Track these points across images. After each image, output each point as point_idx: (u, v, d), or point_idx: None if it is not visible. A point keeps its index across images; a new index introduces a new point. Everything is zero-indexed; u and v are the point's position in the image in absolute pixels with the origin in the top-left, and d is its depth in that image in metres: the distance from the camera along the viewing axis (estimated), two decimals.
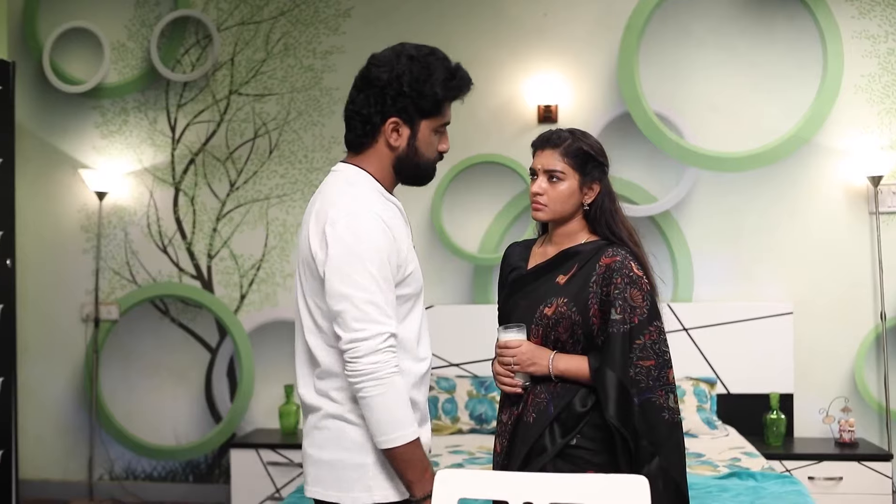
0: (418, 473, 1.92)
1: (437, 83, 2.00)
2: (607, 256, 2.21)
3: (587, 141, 2.28)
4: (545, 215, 2.29)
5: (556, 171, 2.24)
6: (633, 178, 4.85)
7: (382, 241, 1.92)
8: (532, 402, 2.24)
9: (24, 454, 5.24)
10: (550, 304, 2.22)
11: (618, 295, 2.15)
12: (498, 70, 4.95)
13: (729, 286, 4.80)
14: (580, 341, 2.22)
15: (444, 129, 2.09)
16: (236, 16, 5.15)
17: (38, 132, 5.29)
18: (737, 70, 4.79)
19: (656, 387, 2.14)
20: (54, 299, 5.29)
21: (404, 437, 1.90)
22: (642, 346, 2.14)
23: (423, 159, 2.07)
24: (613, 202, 2.30)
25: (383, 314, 1.90)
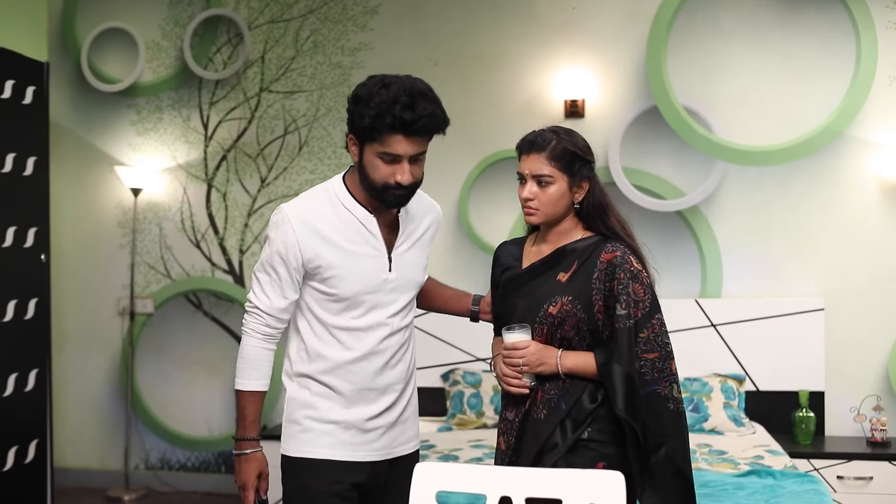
0: (239, 418, 2.33)
1: (369, 112, 2.10)
2: (607, 252, 2.23)
3: (572, 139, 2.28)
4: (538, 219, 2.30)
5: (544, 176, 2.24)
6: (661, 172, 4.80)
7: (278, 238, 2.23)
8: (542, 399, 2.25)
9: (64, 443, 5.39)
10: (555, 303, 2.23)
11: (622, 290, 2.18)
12: (525, 65, 4.94)
13: (758, 282, 4.73)
14: (586, 337, 2.23)
15: (394, 159, 2.15)
16: (266, 14, 5.22)
17: (75, 130, 5.43)
18: (767, 62, 4.71)
19: (661, 378, 2.17)
20: (92, 293, 5.42)
21: (236, 384, 2.32)
22: (646, 339, 2.17)
23: (371, 181, 2.20)
24: (604, 197, 2.32)
25: (260, 290, 2.29)
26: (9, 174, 4.10)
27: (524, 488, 1.75)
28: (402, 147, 2.15)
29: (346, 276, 2.24)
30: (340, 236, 2.24)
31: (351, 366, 2.28)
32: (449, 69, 5.02)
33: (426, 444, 4.20)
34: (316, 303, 2.29)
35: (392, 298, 2.32)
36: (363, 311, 2.28)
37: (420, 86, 2.17)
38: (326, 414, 2.29)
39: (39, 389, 4.26)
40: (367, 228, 2.27)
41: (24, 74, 4.22)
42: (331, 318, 2.28)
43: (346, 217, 2.26)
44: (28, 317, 4.21)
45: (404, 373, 2.39)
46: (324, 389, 2.30)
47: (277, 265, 2.25)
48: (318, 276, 2.25)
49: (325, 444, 2.29)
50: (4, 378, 4.04)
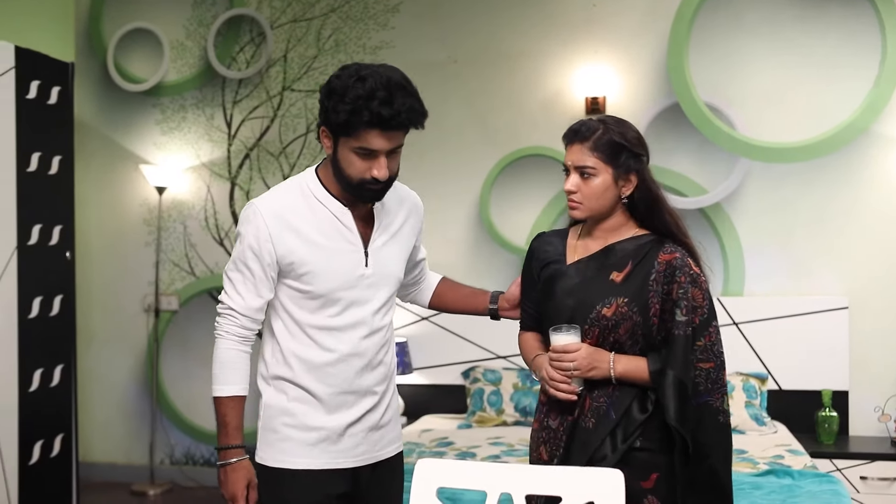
0: (218, 426, 2.19)
1: (345, 108, 2.00)
2: (666, 253, 2.11)
3: (620, 129, 2.13)
4: (582, 213, 2.16)
5: (587, 167, 2.12)
6: (683, 169, 4.77)
7: (249, 233, 2.13)
8: (590, 407, 2.12)
9: (91, 438, 5.48)
10: (609, 304, 2.10)
11: (682, 294, 2.05)
12: (546, 62, 4.93)
13: (781, 280, 4.69)
14: (638, 342, 2.10)
15: (370, 154, 2.05)
16: (289, 13, 5.26)
17: (101, 129, 5.50)
18: (790, 58, 4.66)
19: (714, 390, 2.07)
20: (118, 290, 5.50)
21: (214, 391, 2.19)
22: (703, 347, 2.06)
23: (346, 176, 2.09)
24: (655, 192, 2.16)
25: (232, 290, 2.17)
26: (34, 173, 4.17)
27: (524, 485, 1.75)
28: (379, 142, 2.04)
29: (320, 273, 2.14)
30: (314, 231, 2.15)
31: (329, 368, 2.18)
32: (470, 67, 5.03)
33: (444, 441, 4.22)
34: (291, 301, 2.18)
35: (370, 295, 2.21)
36: (340, 309, 2.18)
37: (397, 77, 2.05)
38: (305, 420, 2.19)
39: (65, 385, 4.33)
40: (342, 222, 2.17)
41: (50, 75, 4.29)
42: (306, 316, 2.17)
43: (319, 211, 2.16)
44: (53, 313, 4.28)
45: (384, 375, 2.28)
46: (301, 394, 2.19)
47: (250, 261, 2.13)
48: (292, 273, 2.15)
49: (306, 454, 2.18)
50: (30, 373, 4.11)
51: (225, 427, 2.17)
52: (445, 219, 5.02)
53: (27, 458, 4.07)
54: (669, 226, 2.16)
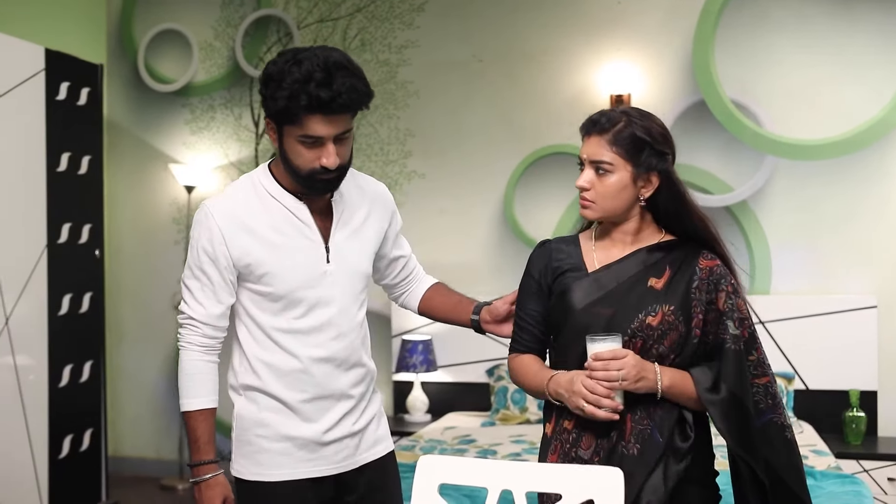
0: (190, 442, 2.09)
1: (282, 94, 1.89)
2: (706, 258, 1.93)
3: (644, 123, 1.92)
4: (594, 213, 1.95)
5: (604, 163, 1.90)
6: (708, 167, 4.74)
7: (202, 236, 2.03)
8: (632, 431, 1.89)
9: (122, 433, 5.57)
10: (654, 313, 1.89)
11: (731, 306, 1.88)
12: (570, 60, 4.92)
13: (808, 278, 4.64)
14: (679, 355, 1.91)
15: (315, 142, 1.94)
16: (315, 13, 5.31)
17: (132, 129, 5.59)
18: (817, 55, 4.61)
19: (775, 406, 1.89)
20: (148, 288, 5.59)
21: (182, 406, 2.09)
22: (756, 362, 1.89)
23: (294, 166, 1.98)
24: (682, 195, 1.95)
25: (192, 298, 2.07)
26: (64, 173, 4.26)
27: (525, 483, 1.76)
28: (323, 128, 1.91)
29: (279, 272, 2.03)
30: (269, 228, 2.03)
31: (299, 374, 2.07)
32: (494, 66, 5.03)
33: (466, 438, 4.23)
34: (253, 304, 2.07)
35: (335, 293, 2.09)
36: (304, 311, 2.06)
37: (336, 57, 1.92)
38: (279, 430, 2.08)
39: (94, 381, 4.41)
40: (298, 217, 2.05)
41: (80, 76, 4.37)
42: (270, 320, 2.06)
43: (273, 207, 2.04)
44: (83, 310, 4.36)
45: (361, 377, 2.17)
46: (273, 403, 2.08)
47: (206, 266, 2.02)
48: (251, 276, 2.03)
49: (282, 465, 2.08)
50: (60, 369, 4.20)
51: (196, 442, 2.06)
52: (470, 217, 5.03)
53: (57, 451, 4.16)
54: (700, 232, 1.95)
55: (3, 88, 3.91)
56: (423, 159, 5.12)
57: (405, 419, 4.93)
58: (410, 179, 5.14)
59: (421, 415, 4.92)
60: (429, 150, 5.12)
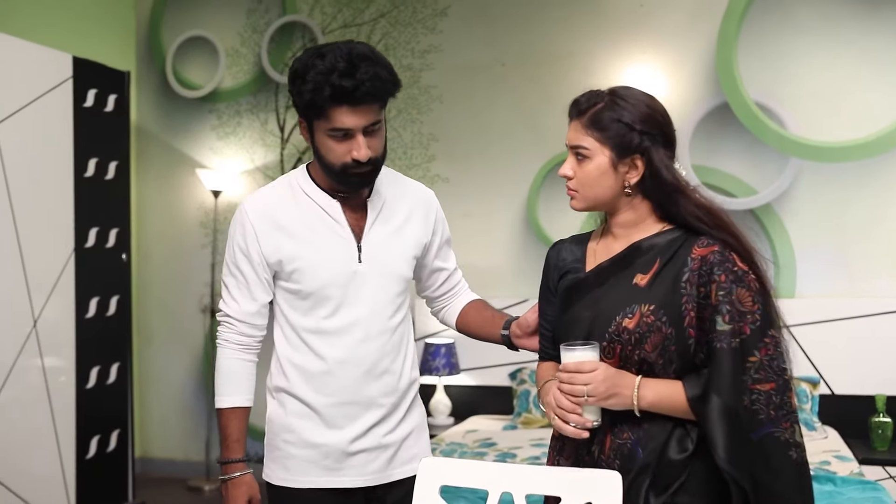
0: (223, 440, 2.09)
1: (307, 87, 1.90)
2: (701, 246, 1.69)
3: (625, 103, 1.74)
4: (578, 203, 1.81)
5: (581, 147, 1.76)
6: (732, 170, 4.71)
7: (237, 232, 2.06)
8: (612, 446, 1.73)
9: (151, 434, 5.66)
10: (632, 314, 1.70)
11: (723, 298, 1.63)
12: (594, 63, 4.92)
13: (834, 282, 4.59)
14: (673, 360, 1.68)
15: (344, 134, 1.93)
16: (339, 19, 5.35)
17: (161, 135, 5.68)
18: (843, 56, 4.56)
19: (779, 417, 1.61)
20: (176, 291, 5.67)
21: (216, 402, 2.09)
22: (758, 364, 1.62)
23: (327, 162, 1.98)
24: (667, 180, 1.74)
25: (228, 296, 2.10)
26: (91, 178, 4.34)
27: (525, 485, 1.77)
28: (350, 120, 1.90)
29: (308, 268, 2.02)
30: (300, 225, 2.03)
31: (324, 376, 2.05)
32: (517, 69, 5.04)
33: (487, 441, 4.24)
34: (285, 303, 2.06)
35: (366, 295, 2.06)
36: (332, 309, 2.03)
37: (360, 49, 1.92)
38: (305, 437, 2.06)
39: (121, 382, 4.49)
40: (330, 214, 2.04)
41: (107, 83, 4.45)
42: (300, 319, 2.05)
43: (306, 204, 2.05)
44: (110, 313, 4.44)
45: (393, 385, 2.10)
46: (300, 407, 2.06)
47: (241, 263, 2.04)
48: (282, 272, 2.03)
49: (306, 472, 2.06)
50: (87, 371, 4.28)
51: (226, 440, 2.07)
52: (493, 221, 5.05)
53: (84, 452, 4.24)
54: (697, 218, 1.73)
55: (31, 96, 4.00)
56: (447, 163, 5.14)
57: (428, 422, 4.94)
58: (434, 183, 5.17)
59: (444, 418, 4.94)
60: (452, 154, 5.14)
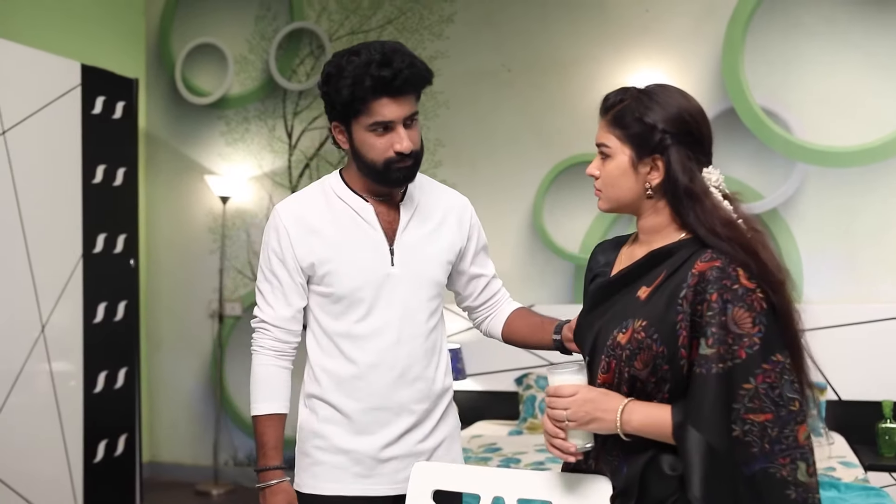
0: (257, 447, 2.08)
1: (346, 83, 1.92)
2: (704, 260, 1.58)
3: (650, 101, 1.66)
4: (603, 203, 1.75)
5: (603, 146, 1.71)
6: (739, 175, 4.69)
7: (272, 237, 2.07)
8: (604, 460, 1.69)
9: (159, 438, 5.69)
10: (626, 329, 1.62)
11: (711, 319, 1.52)
12: (599, 69, 4.93)
13: (841, 287, 4.57)
14: (666, 380, 1.58)
15: (385, 127, 1.95)
16: (347, 26, 5.38)
17: (170, 141, 5.73)
18: (850, 60, 4.55)
19: (776, 452, 1.48)
20: (184, 296, 5.70)
21: (252, 410, 2.09)
22: (752, 392, 1.49)
23: (369, 160, 1.98)
24: (682, 184, 1.63)
25: (263, 301, 2.10)
26: (99, 184, 4.37)
27: (516, 489, 1.78)
28: (392, 111, 1.93)
29: (341, 271, 2.02)
30: (333, 227, 2.04)
31: (356, 381, 2.04)
32: (523, 75, 5.06)
33: (492, 447, 4.25)
34: (319, 308, 2.07)
35: (398, 298, 2.05)
36: (364, 313, 2.03)
37: (391, 44, 1.97)
38: (335, 442, 2.05)
39: (128, 387, 4.51)
40: (363, 217, 2.05)
41: (115, 90, 4.49)
42: (333, 323, 2.05)
43: (339, 207, 2.06)
44: (118, 318, 4.47)
45: (425, 392, 2.09)
46: (331, 413, 2.06)
47: (276, 268, 2.06)
48: (315, 276, 2.04)
49: (336, 479, 2.05)
50: (95, 376, 4.31)
51: (263, 447, 2.05)
52: (499, 226, 5.05)
53: (92, 456, 4.27)
54: (709, 229, 1.60)
55: (40, 103, 4.04)
56: (453, 168, 5.16)
57: None
58: None
59: None
60: (459, 159, 5.16)
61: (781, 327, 1.57)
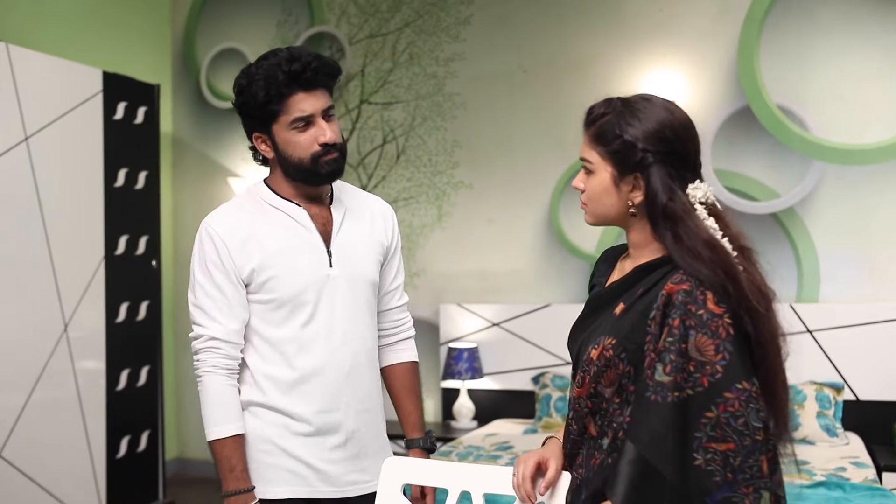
0: (224, 471, 1.99)
1: (259, 85, 1.96)
2: (674, 282, 1.52)
3: (631, 117, 1.61)
4: (589, 217, 1.71)
5: (586, 161, 1.66)
6: (755, 173, 4.68)
7: (208, 249, 2.04)
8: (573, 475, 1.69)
9: (187, 435, 5.82)
10: (597, 345, 1.60)
11: (671, 345, 1.48)
12: (615, 68, 4.93)
13: (858, 286, 4.53)
14: (629, 402, 1.56)
15: (305, 122, 1.99)
16: (365, 29, 5.45)
17: (195, 145, 5.85)
18: (866, 57, 4.50)
19: (739, 481, 1.44)
20: None
21: (209, 434, 2.01)
22: (715, 421, 1.45)
23: (297, 159, 2.01)
24: (659, 202, 1.58)
25: (206, 317, 2.03)
26: (121, 188, 4.50)
27: (482, 484, 1.82)
28: (309, 104, 1.98)
29: (282, 275, 2.02)
30: (269, 234, 2.04)
31: (302, 385, 2.04)
32: (539, 76, 5.08)
33: (504, 445, 4.28)
34: (258, 318, 2.05)
35: (340, 299, 2.07)
36: (307, 317, 2.04)
37: (296, 46, 2.05)
38: (284, 445, 2.05)
39: (151, 385, 4.63)
40: (298, 222, 2.06)
41: (136, 96, 4.61)
42: (276, 331, 2.04)
43: (274, 215, 2.06)
44: (140, 318, 4.59)
45: (370, 392, 2.14)
46: (278, 417, 2.04)
47: (220, 280, 2.02)
48: (254, 283, 2.03)
49: (286, 482, 2.04)
50: (117, 374, 4.43)
51: (231, 472, 1.98)
52: (516, 226, 5.09)
53: (114, 452, 4.39)
54: (678, 249, 1.55)
55: (62, 109, 4.17)
56: (470, 169, 5.20)
57: (451, 426, 5.01)
58: (458, 189, 5.23)
59: (467, 421, 4.99)
60: (476, 160, 5.20)
61: (752, 354, 1.51)
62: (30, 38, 4.64)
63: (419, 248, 5.28)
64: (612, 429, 1.58)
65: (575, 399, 1.66)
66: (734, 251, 1.56)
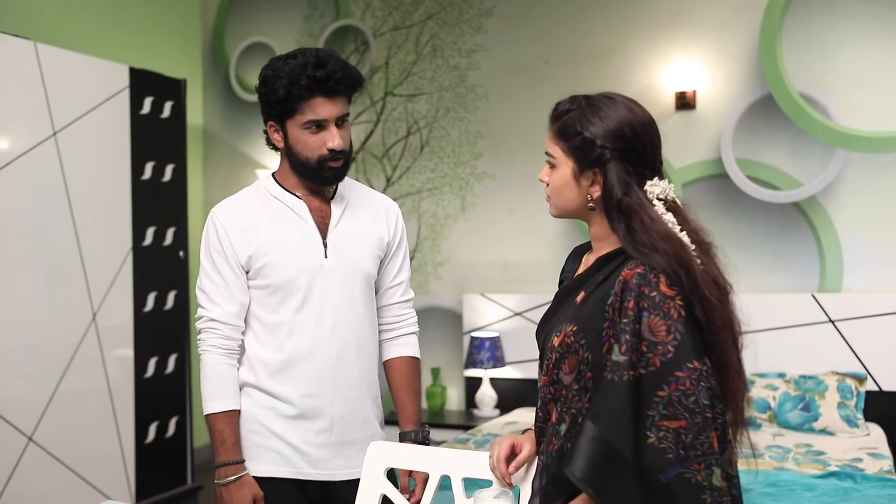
0: (216, 443, 2.13)
1: (281, 84, 2.04)
2: (629, 268, 1.58)
3: (594, 116, 1.66)
4: (553, 209, 1.76)
5: (549, 155, 1.72)
6: (776, 162, 4.65)
7: (212, 237, 2.17)
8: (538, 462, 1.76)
9: None
10: (559, 333, 1.66)
11: (626, 326, 1.53)
12: (635, 58, 4.93)
13: (882, 275, 4.48)
14: (588, 389, 1.60)
15: (318, 126, 2.08)
16: (390, 22, 5.51)
17: (225, 137, 5.96)
18: (890, 44, 4.44)
19: (691, 458, 1.48)
20: None
21: (205, 408, 2.16)
22: (667, 399, 1.50)
23: (303, 157, 2.12)
24: (618, 197, 1.63)
25: (208, 300, 2.17)
26: (148, 181, 4.61)
27: (461, 469, 1.88)
28: (325, 109, 2.07)
29: (278, 262, 2.13)
30: (268, 223, 2.15)
31: (291, 369, 2.15)
32: (561, 67, 5.09)
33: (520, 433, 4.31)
34: (257, 303, 2.17)
35: (332, 288, 2.16)
36: (299, 303, 2.14)
37: (326, 50, 2.11)
38: (271, 426, 2.15)
39: (179, 372, 4.75)
40: (297, 213, 2.17)
41: (163, 91, 4.72)
42: (271, 316, 2.15)
43: (274, 206, 2.18)
44: (168, 307, 4.71)
45: (357, 381, 2.21)
46: (266, 399, 2.16)
47: (220, 266, 2.15)
48: (252, 269, 2.15)
49: (271, 461, 2.15)
50: (145, 361, 4.56)
51: (223, 444, 2.12)
52: (539, 217, 5.11)
53: (143, 437, 4.52)
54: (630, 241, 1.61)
55: (90, 105, 4.29)
56: (493, 160, 5.24)
57: (474, 414, 5.07)
58: (481, 180, 5.27)
59: (490, 410, 5.04)
60: (498, 151, 5.23)
61: (703, 337, 1.55)
62: (62, 37, 4.77)
63: (443, 238, 5.34)
64: (570, 415, 1.62)
65: (540, 387, 1.72)
66: (692, 245, 1.61)
